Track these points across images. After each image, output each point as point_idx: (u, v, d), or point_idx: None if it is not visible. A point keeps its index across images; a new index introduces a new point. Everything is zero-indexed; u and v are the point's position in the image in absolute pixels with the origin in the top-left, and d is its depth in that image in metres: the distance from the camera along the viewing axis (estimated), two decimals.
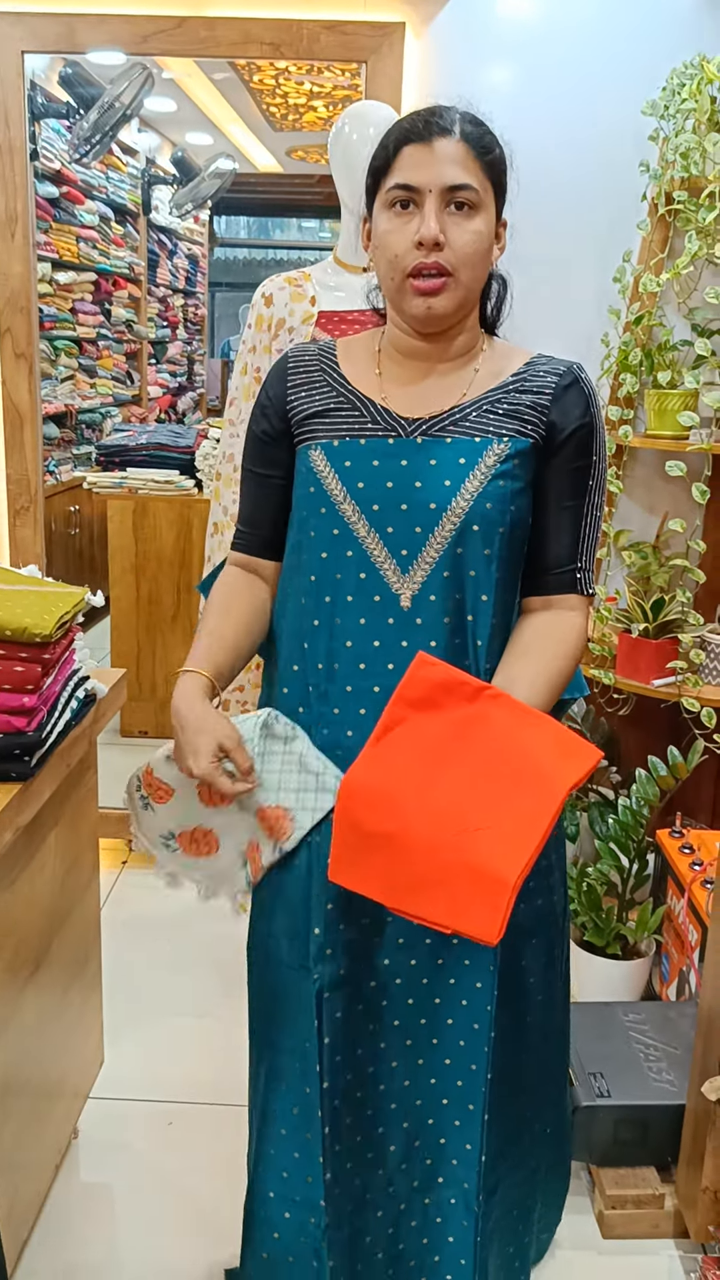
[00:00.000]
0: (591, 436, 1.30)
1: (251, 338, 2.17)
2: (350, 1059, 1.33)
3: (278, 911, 1.37)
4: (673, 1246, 1.82)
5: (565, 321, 2.55)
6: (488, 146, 1.24)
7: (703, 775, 2.54)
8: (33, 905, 1.59)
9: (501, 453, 1.26)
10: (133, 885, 2.89)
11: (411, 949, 1.33)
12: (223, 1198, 1.84)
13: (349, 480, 1.27)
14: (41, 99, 3.63)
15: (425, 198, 1.21)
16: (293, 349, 1.39)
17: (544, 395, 1.29)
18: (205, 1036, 2.28)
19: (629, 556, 2.50)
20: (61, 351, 4.48)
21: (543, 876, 1.40)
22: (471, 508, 1.25)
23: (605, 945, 2.37)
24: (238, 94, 4.13)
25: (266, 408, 1.37)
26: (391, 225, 1.23)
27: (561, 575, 1.33)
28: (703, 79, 2.29)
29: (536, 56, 2.50)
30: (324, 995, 1.30)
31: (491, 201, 1.25)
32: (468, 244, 1.22)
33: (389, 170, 1.24)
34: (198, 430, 3.87)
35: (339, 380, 1.33)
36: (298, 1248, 1.38)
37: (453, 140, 1.21)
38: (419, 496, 1.26)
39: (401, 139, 1.23)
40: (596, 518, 1.34)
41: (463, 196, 1.21)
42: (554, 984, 1.46)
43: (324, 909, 1.31)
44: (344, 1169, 1.34)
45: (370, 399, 1.30)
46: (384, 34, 2.47)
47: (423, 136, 1.21)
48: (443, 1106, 1.36)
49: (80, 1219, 1.83)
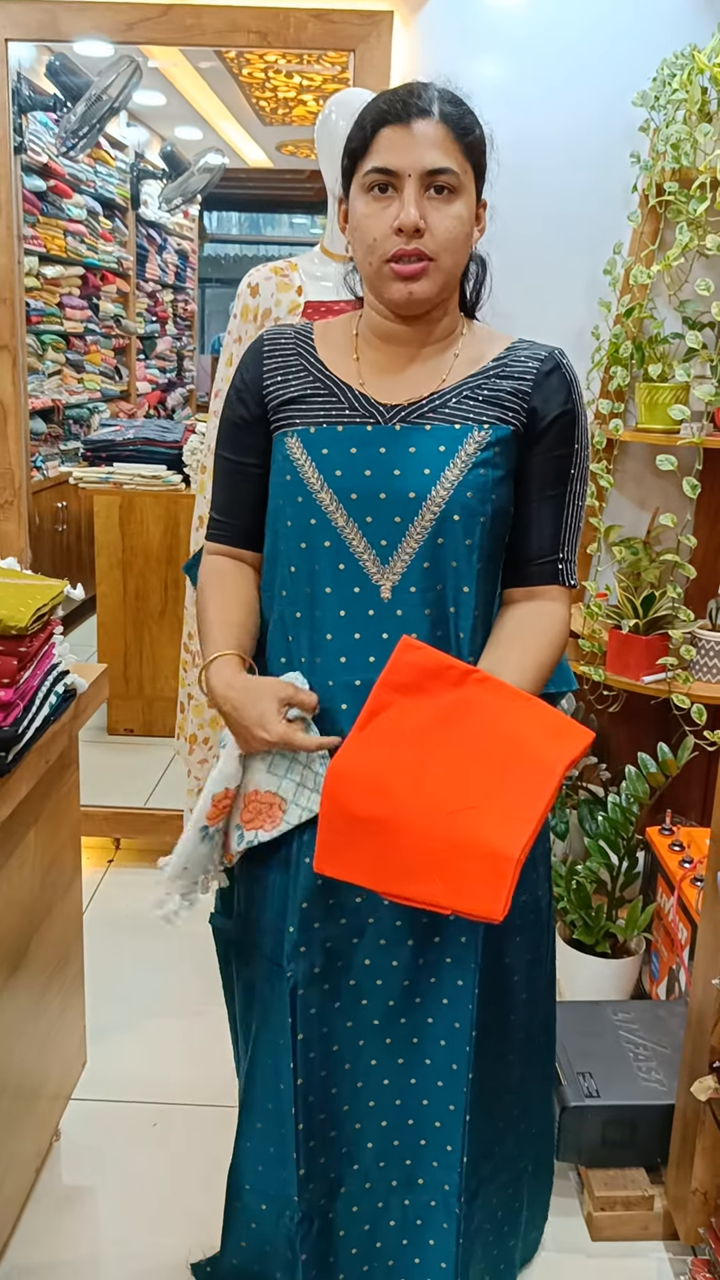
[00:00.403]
0: (574, 424, 1.28)
1: (238, 328, 2.15)
2: (325, 1055, 1.32)
3: (258, 905, 1.35)
4: (662, 1248, 1.80)
5: (555, 314, 2.53)
6: (468, 127, 1.21)
7: (693, 772, 2.52)
8: (11, 904, 1.56)
9: (482, 440, 1.23)
10: (118, 885, 2.86)
11: (394, 949, 1.31)
12: (205, 1199, 1.81)
13: (326, 468, 1.24)
14: (28, 91, 3.59)
15: (404, 182, 1.18)
16: (268, 332, 1.35)
17: (525, 381, 1.26)
18: (189, 1037, 2.26)
19: (619, 552, 2.48)
20: (49, 346, 4.45)
21: (527, 871, 1.38)
22: (452, 497, 1.22)
23: (594, 943, 2.35)
24: (227, 88, 4.10)
25: (242, 391, 1.33)
26: (370, 209, 1.20)
27: (544, 566, 1.30)
28: (693, 69, 2.27)
29: (526, 46, 2.47)
30: (297, 992, 1.29)
31: (471, 184, 1.22)
32: (448, 229, 1.19)
33: (366, 152, 1.20)
34: (185, 425, 3.84)
35: (316, 365, 1.30)
36: (275, 1239, 1.37)
37: (432, 121, 1.18)
38: (398, 485, 1.23)
39: (379, 120, 1.19)
40: (579, 507, 1.31)
41: (443, 180, 1.18)
42: (538, 981, 1.44)
43: (299, 907, 1.29)
44: (317, 1163, 1.33)
45: (348, 385, 1.28)
46: (372, 22, 2.44)
47: (401, 118, 1.17)
48: (423, 1107, 1.34)
49: (62, 1221, 1.81)
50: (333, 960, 1.30)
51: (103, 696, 1.87)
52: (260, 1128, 1.35)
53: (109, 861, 2.98)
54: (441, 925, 1.31)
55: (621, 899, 2.40)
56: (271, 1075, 1.33)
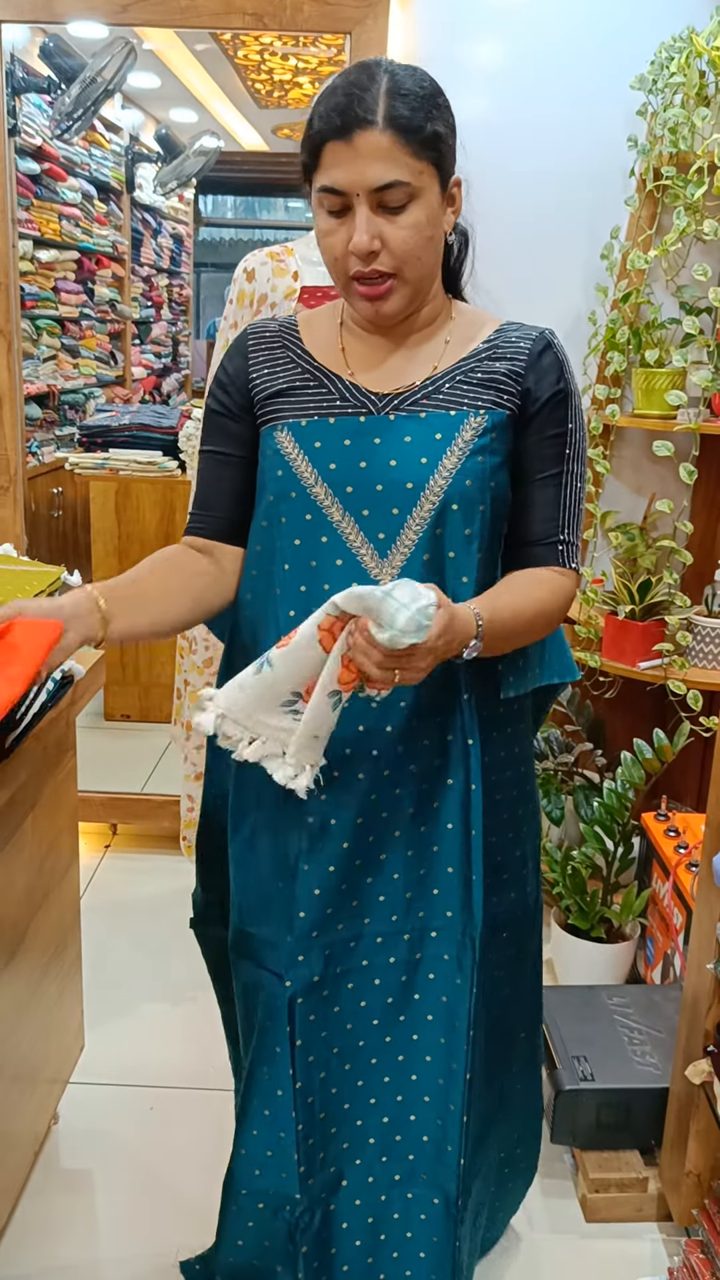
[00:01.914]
0: (567, 402, 1.25)
1: (233, 314, 2.14)
2: (325, 1059, 1.31)
3: (253, 914, 1.33)
4: (656, 1230, 1.81)
5: (552, 299, 2.52)
6: (417, 126, 1.12)
7: (688, 758, 2.53)
8: (9, 889, 1.57)
9: (479, 426, 1.21)
10: (115, 870, 2.87)
11: (390, 946, 1.30)
12: (203, 1182, 1.82)
13: (320, 462, 1.22)
14: (22, 73, 3.57)
15: (353, 199, 1.14)
16: (251, 324, 1.32)
17: (518, 362, 1.24)
18: (186, 1022, 2.27)
19: (616, 538, 2.48)
20: (44, 331, 4.43)
21: (516, 868, 1.37)
22: (450, 486, 1.20)
23: (590, 928, 2.36)
24: (222, 70, 4.08)
25: (225, 384, 1.30)
26: (327, 226, 1.17)
27: (544, 548, 1.27)
28: (691, 53, 2.26)
29: (523, 28, 2.46)
30: (296, 1001, 1.27)
31: (432, 180, 1.16)
32: (405, 240, 1.15)
33: (316, 168, 1.15)
34: (181, 411, 3.82)
35: (303, 356, 1.28)
36: (274, 1234, 1.36)
37: (375, 131, 1.11)
38: (394, 476, 1.20)
39: (322, 135, 1.13)
40: (577, 489, 1.28)
41: (392, 197, 1.13)
42: (523, 978, 1.43)
43: (297, 917, 1.27)
44: (317, 1160, 1.33)
45: (337, 375, 1.25)
46: (368, 4, 2.42)
47: (341, 133, 1.11)
48: (424, 1104, 1.34)
49: (60, 1205, 1.82)
50: (331, 966, 1.29)
51: (100, 683, 1.87)
52: (257, 1135, 1.33)
53: (106, 847, 2.99)
54: (438, 922, 1.30)
55: (617, 884, 2.40)
56: (269, 1084, 1.31)
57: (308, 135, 1.16)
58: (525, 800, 1.39)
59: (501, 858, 1.34)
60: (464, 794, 1.28)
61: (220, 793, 1.42)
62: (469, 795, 1.28)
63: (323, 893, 1.27)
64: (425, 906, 1.30)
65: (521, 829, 1.38)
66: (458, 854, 1.29)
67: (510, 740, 1.35)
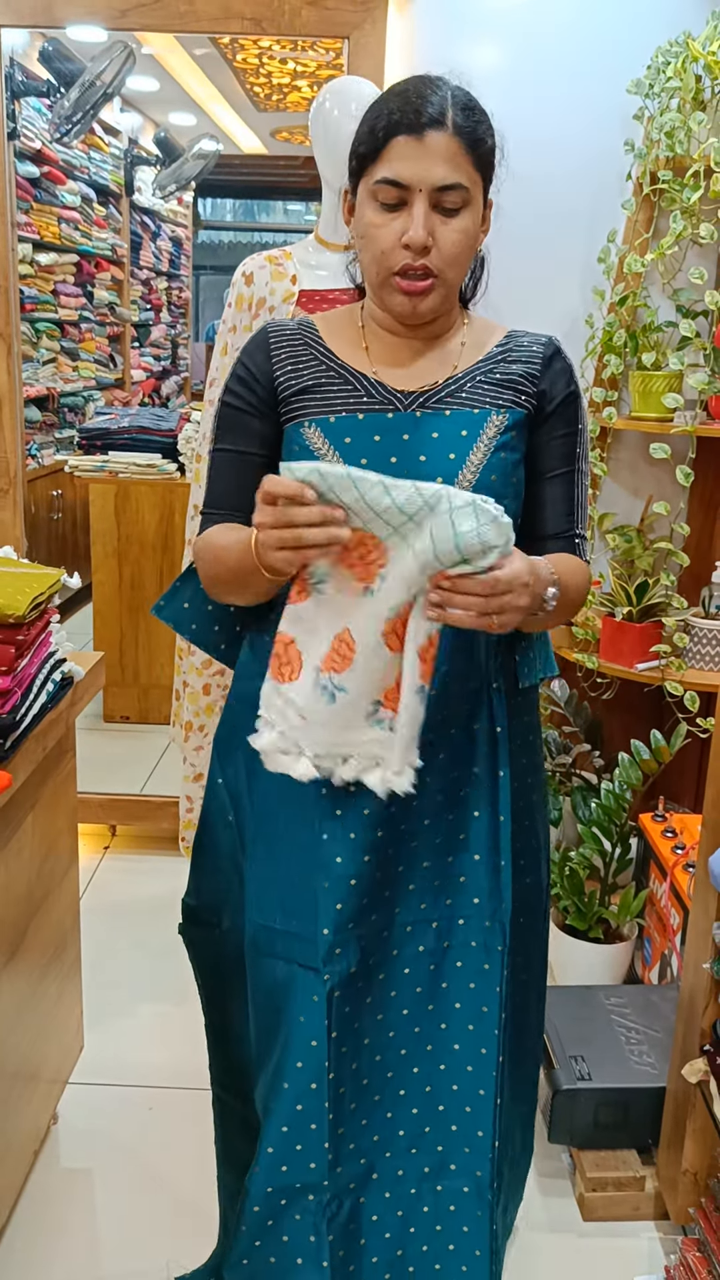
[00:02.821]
0: (576, 403, 1.31)
1: (232, 317, 2.15)
2: (357, 1050, 1.31)
3: (282, 908, 1.32)
4: (653, 1228, 1.82)
5: (549, 302, 2.54)
6: (480, 138, 1.20)
7: (685, 759, 2.54)
8: (8, 890, 1.58)
9: (501, 424, 1.25)
10: (114, 871, 2.88)
11: (419, 934, 1.31)
12: (202, 1182, 1.83)
13: (351, 457, 1.24)
14: (21, 76, 3.58)
15: (414, 195, 1.17)
16: (271, 324, 1.34)
17: (534, 365, 1.29)
18: (186, 1022, 2.27)
19: (613, 540, 2.49)
20: (43, 334, 4.44)
21: (532, 854, 1.39)
22: (477, 480, 1.24)
23: (588, 929, 2.37)
24: (221, 73, 4.09)
25: (248, 380, 1.31)
26: (379, 219, 1.20)
27: (561, 541, 1.32)
28: (687, 57, 2.27)
29: (520, 34, 2.47)
30: (334, 994, 1.27)
31: (480, 193, 1.22)
32: (455, 244, 1.20)
33: (377, 159, 1.18)
34: (180, 414, 3.83)
35: (326, 354, 1.30)
36: (294, 1228, 1.35)
37: (445, 134, 1.16)
38: (424, 471, 1.23)
39: (391, 128, 1.17)
40: (585, 486, 1.34)
41: (451, 199, 1.18)
42: (533, 961, 1.45)
43: (333, 909, 1.27)
44: (347, 1149, 1.33)
45: (362, 373, 1.28)
46: (366, 9, 2.44)
47: (414, 129, 1.16)
48: (453, 1093, 1.34)
49: (60, 1205, 1.83)
50: (366, 958, 1.29)
51: (99, 684, 1.87)
52: (287, 1131, 1.31)
53: (105, 848, 2.99)
54: (466, 909, 1.31)
55: (615, 885, 2.41)
56: (303, 1078, 1.30)
57: (372, 128, 1.19)
58: (539, 788, 1.43)
59: (520, 844, 1.36)
60: (491, 781, 1.31)
61: (221, 803, 1.43)
62: (496, 782, 1.31)
63: (358, 883, 1.27)
64: (453, 894, 1.32)
65: (536, 816, 1.41)
66: (485, 840, 1.31)
67: (527, 729, 1.39)
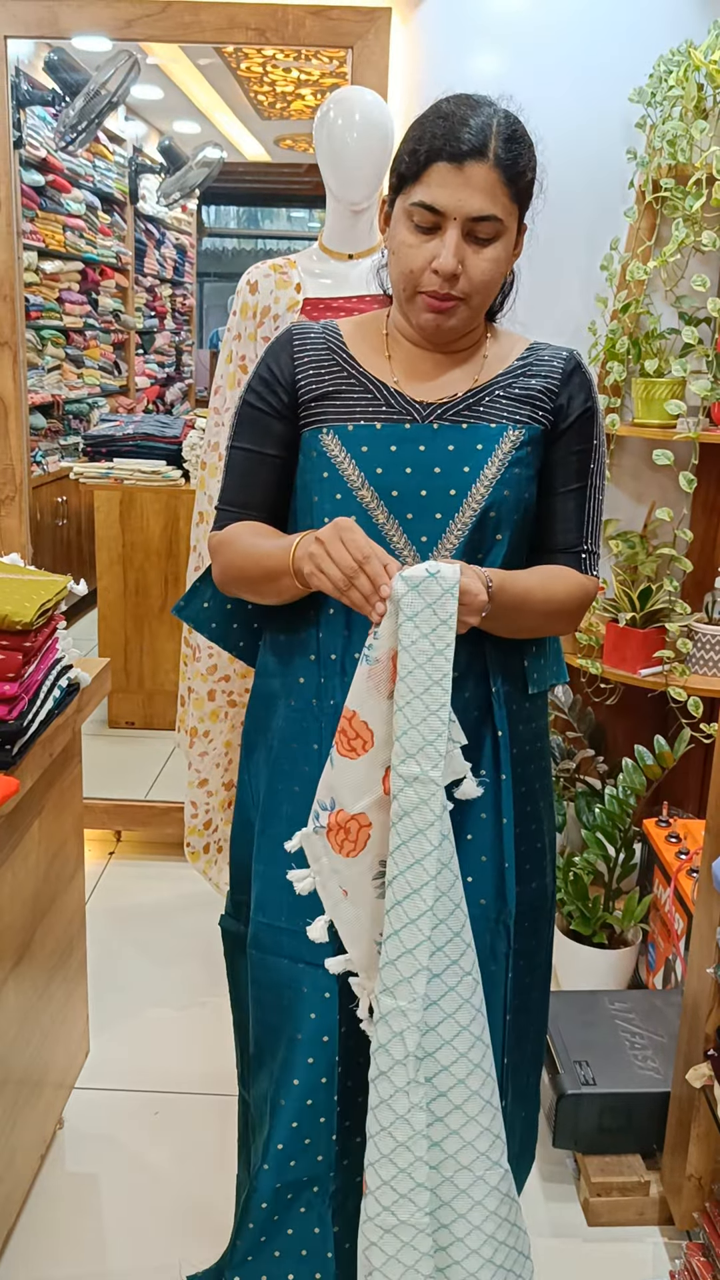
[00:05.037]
0: (593, 420, 1.32)
1: (237, 325, 2.16)
2: (362, 1046, 1.30)
3: (288, 907, 1.33)
4: (657, 1233, 1.82)
5: (553, 309, 2.54)
6: (520, 172, 1.21)
7: (689, 765, 2.54)
8: (15, 895, 1.58)
9: (516, 439, 1.27)
10: (120, 877, 2.88)
11: None
12: (209, 1187, 1.84)
13: (367, 466, 1.26)
14: (27, 86, 3.61)
15: (448, 222, 1.19)
16: (295, 325, 1.36)
17: (553, 380, 1.30)
18: (191, 1027, 2.28)
19: (616, 546, 2.50)
20: (48, 341, 4.46)
21: (537, 858, 1.40)
22: (491, 494, 1.25)
23: (592, 934, 2.37)
24: (225, 82, 4.11)
25: (270, 382, 1.32)
26: (412, 240, 1.22)
27: (567, 556, 1.33)
28: (690, 66, 2.28)
29: (523, 43, 2.48)
30: (343, 991, 1.29)
31: (514, 222, 1.23)
32: (484, 272, 1.22)
33: (416, 181, 1.20)
34: (185, 420, 3.85)
35: (349, 361, 1.31)
36: (300, 1221, 1.36)
37: (485, 165, 1.17)
38: (439, 482, 1.25)
39: (433, 153, 1.18)
40: (599, 502, 1.34)
41: (485, 229, 1.20)
42: (539, 966, 1.46)
43: None
44: (354, 1142, 1.33)
45: (383, 382, 1.29)
46: (370, 19, 2.45)
47: (455, 157, 1.17)
48: None
49: (66, 1209, 1.83)
50: None
51: (105, 690, 1.88)
52: (297, 1127, 1.33)
53: (110, 854, 3.00)
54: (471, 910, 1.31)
55: (619, 890, 2.42)
56: (310, 1072, 1.32)
57: (413, 149, 1.20)
58: (546, 793, 1.44)
59: (525, 848, 1.37)
60: (495, 784, 1.32)
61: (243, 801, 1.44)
62: (500, 785, 1.32)
63: None
64: None
65: (542, 821, 1.42)
66: (490, 842, 1.32)
67: (535, 735, 1.40)
